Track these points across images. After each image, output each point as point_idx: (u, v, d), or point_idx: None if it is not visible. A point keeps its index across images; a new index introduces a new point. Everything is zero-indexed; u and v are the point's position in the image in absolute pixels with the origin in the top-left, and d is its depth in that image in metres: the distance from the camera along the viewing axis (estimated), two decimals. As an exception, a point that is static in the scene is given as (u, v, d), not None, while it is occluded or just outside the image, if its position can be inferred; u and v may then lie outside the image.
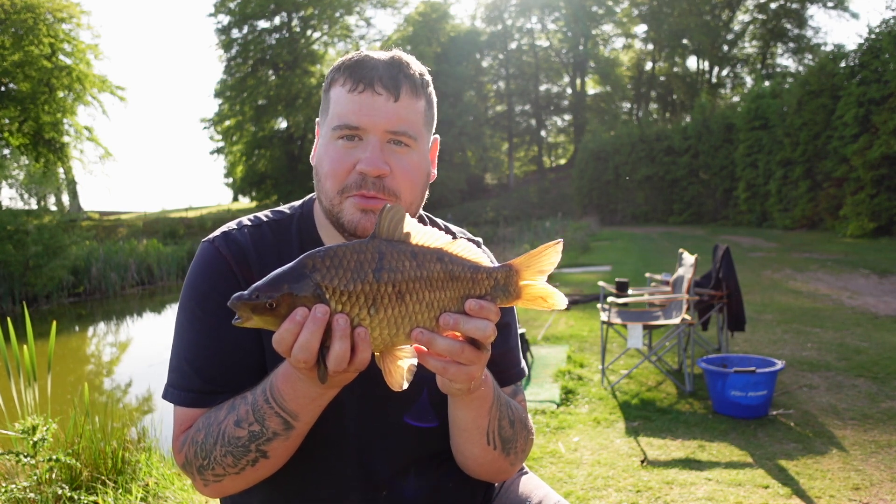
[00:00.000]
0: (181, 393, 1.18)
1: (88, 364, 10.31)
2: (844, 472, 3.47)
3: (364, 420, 1.22)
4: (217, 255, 1.20)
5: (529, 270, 0.98)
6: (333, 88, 1.18)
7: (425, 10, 46.84)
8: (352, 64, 1.16)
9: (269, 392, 1.05)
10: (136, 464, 3.29)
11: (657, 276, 6.95)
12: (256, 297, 0.87)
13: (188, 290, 1.21)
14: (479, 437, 1.18)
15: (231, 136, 45.66)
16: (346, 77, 1.15)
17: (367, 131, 1.13)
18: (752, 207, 27.09)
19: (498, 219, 35.14)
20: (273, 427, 1.06)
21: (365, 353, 0.90)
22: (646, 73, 51.82)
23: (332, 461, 1.22)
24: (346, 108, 1.14)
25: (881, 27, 20.02)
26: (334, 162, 1.15)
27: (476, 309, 0.93)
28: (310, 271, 0.88)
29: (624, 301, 5.46)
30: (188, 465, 1.15)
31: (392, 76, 1.15)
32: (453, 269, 0.93)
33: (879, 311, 7.96)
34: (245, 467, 1.10)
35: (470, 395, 1.08)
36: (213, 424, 1.11)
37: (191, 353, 1.18)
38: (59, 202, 24.85)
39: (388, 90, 1.14)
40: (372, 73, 1.14)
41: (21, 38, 30.57)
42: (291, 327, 0.87)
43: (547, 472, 3.64)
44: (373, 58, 1.16)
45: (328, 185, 1.16)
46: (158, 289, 19.38)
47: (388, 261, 0.89)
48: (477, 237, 1.44)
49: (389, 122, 1.13)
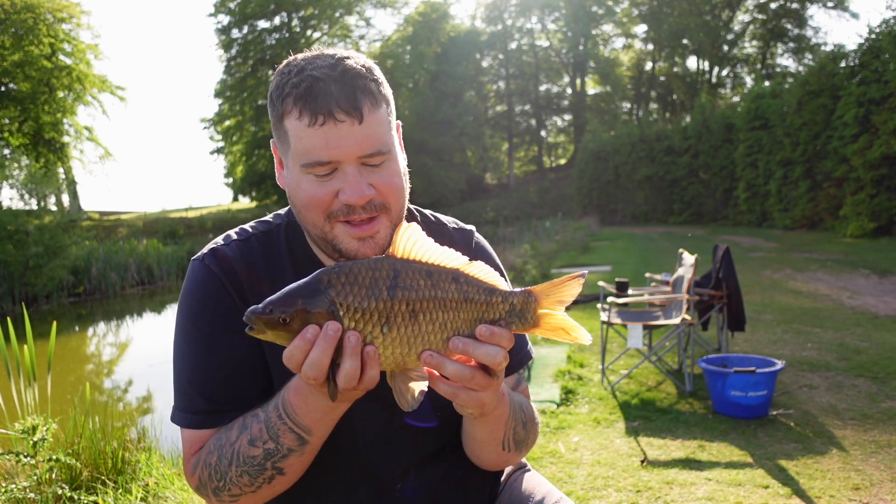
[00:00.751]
0: (186, 415, 1.17)
1: (88, 364, 10.32)
2: (844, 472, 3.47)
3: (370, 422, 1.22)
4: (208, 273, 1.19)
5: (549, 300, 0.95)
6: (288, 119, 1.07)
7: (425, 10, 46.83)
8: (302, 93, 1.04)
9: (281, 408, 1.04)
10: (136, 464, 3.29)
11: (657, 276, 6.95)
12: (270, 311, 0.86)
13: (183, 311, 1.20)
14: (494, 446, 1.19)
15: (231, 136, 45.68)
16: (301, 109, 1.05)
17: (340, 162, 1.06)
18: (752, 207, 27.08)
19: (498, 219, 35.16)
20: (288, 443, 1.05)
21: (374, 371, 0.89)
22: (646, 73, 51.81)
23: (340, 465, 1.22)
24: (311, 145, 1.05)
25: (881, 27, 20.01)
26: (312, 197, 1.08)
27: (487, 335, 0.90)
28: (325, 287, 0.87)
29: (624, 301, 5.46)
30: (202, 487, 1.14)
31: (349, 96, 1.04)
32: (468, 291, 0.91)
33: (879, 311, 7.96)
34: (262, 485, 1.10)
35: (484, 417, 1.08)
36: (225, 445, 1.11)
37: (191, 374, 1.17)
38: (59, 202, 24.88)
39: (350, 114, 1.04)
40: (328, 101, 1.03)
41: (21, 38, 30.55)
42: (302, 345, 0.87)
43: (547, 471, 3.64)
44: (321, 79, 1.04)
45: (310, 214, 1.11)
46: (158, 289, 19.38)
47: (402, 279, 0.88)
48: (469, 225, 1.41)
49: (361, 148, 1.06)
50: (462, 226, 1.40)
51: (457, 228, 1.39)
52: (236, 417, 1.13)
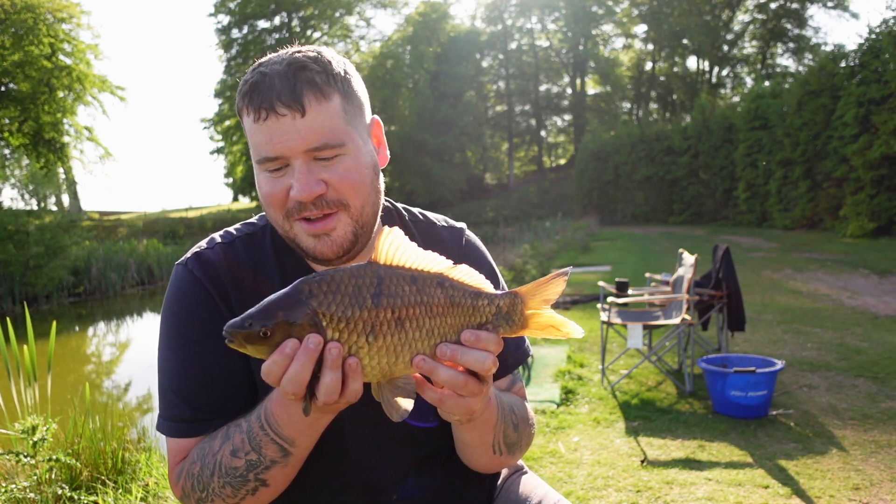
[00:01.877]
0: (171, 424, 1.15)
1: (88, 364, 10.32)
2: (844, 472, 3.47)
3: (362, 424, 1.20)
4: (191, 278, 1.16)
5: (535, 299, 0.93)
6: (243, 117, 1.09)
7: (425, 11, 46.84)
8: (249, 89, 1.06)
9: (263, 418, 1.02)
10: (136, 464, 3.30)
11: (657, 276, 6.95)
12: (250, 325, 0.82)
13: (166, 317, 1.17)
14: (484, 450, 1.18)
15: (231, 136, 45.63)
16: (248, 105, 1.06)
17: (287, 158, 1.05)
18: (752, 207, 27.07)
19: (498, 219, 35.16)
20: (270, 455, 1.03)
21: (357, 384, 0.86)
22: (646, 73, 51.81)
23: (332, 467, 1.20)
24: (258, 140, 1.06)
25: (881, 27, 20.00)
26: (268, 195, 1.09)
27: (472, 340, 0.88)
28: (306, 297, 0.83)
29: (624, 301, 5.46)
30: (186, 497, 1.12)
31: (290, 90, 1.03)
32: (454, 295, 0.89)
33: (879, 311, 7.96)
34: (245, 496, 1.07)
35: (471, 423, 1.07)
36: (208, 455, 1.09)
37: (176, 382, 1.15)
38: (59, 202, 24.87)
39: (290, 107, 1.03)
40: (269, 94, 1.03)
41: (21, 38, 30.57)
42: (280, 360, 0.83)
43: (547, 472, 3.64)
44: (267, 74, 1.05)
45: (271, 212, 1.11)
46: (158, 289, 19.36)
47: (386, 286, 0.85)
48: (460, 223, 1.39)
49: (305, 142, 1.04)
50: (452, 223, 1.38)
51: (446, 227, 1.37)
52: (221, 426, 1.12)
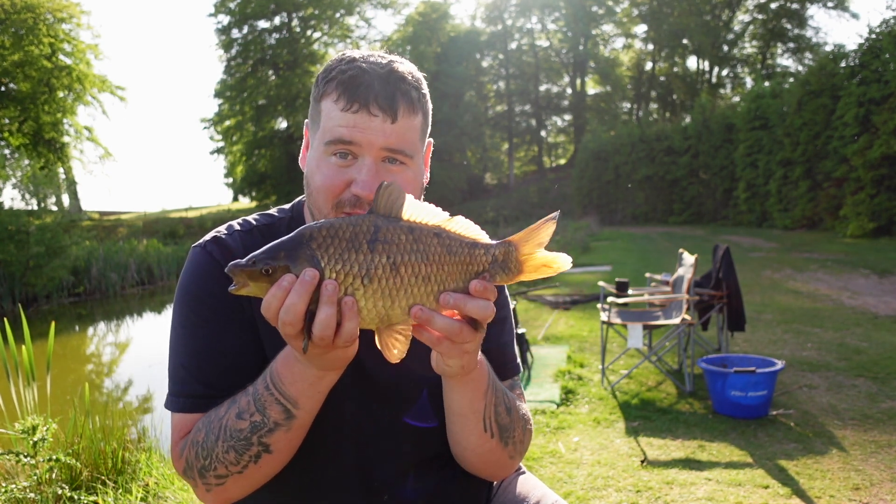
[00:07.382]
0: (181, 399, 1.16)
1: (88, 364, 10.31)
2: (844, 472, 3.47)
3: (363, 422, 1.20)
4: (210, 259, 1.18)
5: (528, 245, 0.97)
6: (325, 101, 1.13)
7: (425, 10, 46.81)
8: (346, 79, 1.10)
9: (269, 379, 1.05)
10: (136, 464, 3.30)
11: (657, 276, 6.95)
12: (253, 263, 0.88)
13: (182, 296, 1.19)
14: (475, 422, 1.16)
15: (231, 136, 45.63)
16: (340, 93, 1.10)
17: (361, 149, 1.10)
18: (752, 207, 27.08)
19: (498, 219, 35.14)
20: (274, 416, 1.05)
21: (352, 323, 0.89)
22: (646, 73, 51.79)
23: (331, 465, 1.21)
24: (340, 124, 1.10)
25: (881, 27, 20.02)
26: (327, 179, 1.12)
27: (480, 290, 0.92)
28: (307, 240, 0.89)
29: (624, 301, 5.46)
30: (189, 469, 1.13)
31: (388, 95, 1.09)
32: (450, 245, 0.93)
33: (879, 311, 7.96)
34: (248, 464, 1.08)
35: (465, 376, 1.07)
36: (213, 421, 1.10)
37: (189, 359, 1.16)
38: (59, 202, 24.88)
39: (385, 112, 1.09)
40: (367, 93, 1.09)
41: (21, 38, 30.53)
42: (279, 292, 0.87)
43: (547, 472, 3.64)
44: (367, 72, 1.10)
45: (320, 199, 1.13)
46: (158, 289, 19.36)
47: (383, 233, 0.91)
48: None
49: (387, 141, 1.10)
50: None
51: None
52: None
